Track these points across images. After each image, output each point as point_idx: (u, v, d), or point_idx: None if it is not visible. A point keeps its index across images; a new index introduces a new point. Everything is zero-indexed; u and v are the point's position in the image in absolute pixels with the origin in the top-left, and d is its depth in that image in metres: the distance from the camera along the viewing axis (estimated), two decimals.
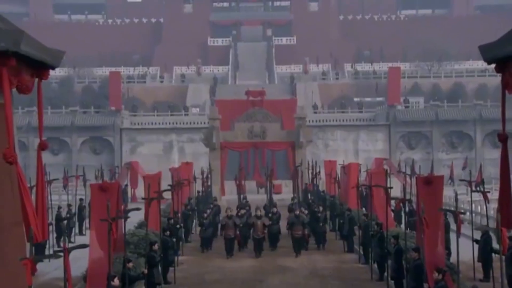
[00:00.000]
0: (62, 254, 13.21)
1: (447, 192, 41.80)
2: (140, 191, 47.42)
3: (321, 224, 33.03)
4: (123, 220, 20.59)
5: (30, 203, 15.63)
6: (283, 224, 33.27)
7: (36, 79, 16.93)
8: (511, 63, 16.43)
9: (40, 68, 16.74)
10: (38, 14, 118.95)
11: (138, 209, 20.87)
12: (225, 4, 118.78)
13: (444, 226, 22.60)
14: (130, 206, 44.77)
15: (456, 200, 19.84)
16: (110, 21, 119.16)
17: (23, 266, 13.82)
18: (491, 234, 24.91)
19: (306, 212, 33.08)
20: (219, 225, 33.94)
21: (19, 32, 15.44)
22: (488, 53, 17.24)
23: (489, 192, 27.88)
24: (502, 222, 16.90)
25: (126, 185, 56.05)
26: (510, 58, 16.29)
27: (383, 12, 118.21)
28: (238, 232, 31.25)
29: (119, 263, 20.85)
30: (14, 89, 15.90)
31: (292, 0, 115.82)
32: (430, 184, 21.99)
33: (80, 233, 38.77)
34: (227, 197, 52.69)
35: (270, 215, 33.26)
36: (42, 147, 16.71)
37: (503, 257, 18.30)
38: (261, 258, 30.55)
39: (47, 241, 28.48)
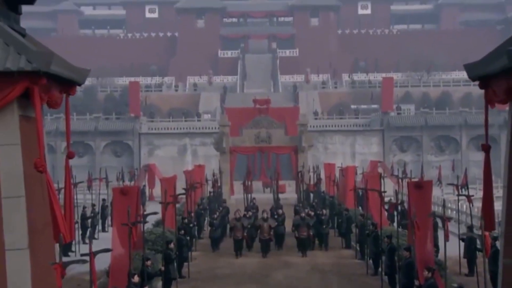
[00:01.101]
0: (88, 258, 13.28)
1: (435, 192, 41.89)
2: (157, 191, 47.55)
3: (324, 226, 32.23)
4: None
5: (58, 208, 15.73)
6: (288, 225, 32.83)
7: (64, 95, 17.02)
8: (493, 81, 16.46)
9: (68, 84, 16.83)
10: (65, 29, 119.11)
11: (155, 213, 20.92)
12: (234, 20, 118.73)
13: (433, 226, 22.64)
14: (148, 205, 44.91)
15: (444, 206, 19.86)
16: (130, 35, 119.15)
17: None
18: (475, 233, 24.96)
19: (313, 214, 32.24)
20: (228, 226, 33.22)
21: (49, 54, 15.51)
22: (472, 71, 17.27)
23: (473, 196, 27.82)
24: (485, 226, 16.95)
25: (144, 186, 56.10)
26: (492, 76, 16.33)
27: (378, 27, 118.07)
28: (245, 234, 30.62)
29: (138, 259, 20.88)
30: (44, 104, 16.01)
31: (295, 16, 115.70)
32: (420, 188, 21.98)
33: (103, 230, 38.77)
34: (236, 196, 52.69)
35: (276, 216, 32.67)
36: (69, 156, 16.81)
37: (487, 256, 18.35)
38: (267, 256, 30.10)
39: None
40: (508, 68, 14.65)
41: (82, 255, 13.77)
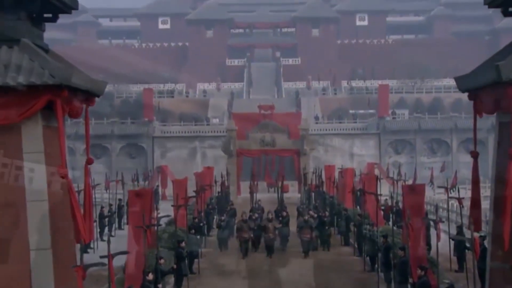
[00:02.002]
0: (107, 260, 13.33)
1: (428, 193, 41.82)
2: (169, 190, 47.54)
3: (326, 227, 31.70)
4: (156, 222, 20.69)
5: (78, 210, 15.79)
6: (292, 226, 32.04)
7: (84, 106, 17.08)
8: (481, 93, 16.54)
9: (88, 96, 16.91)
10: (84, 39, 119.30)
11: (168, 216, 20.95)
12: (241, 31, 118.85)
13: (425, 227, 22.65)
14: (161, 204, 44.90)
15: (436, 210, 19.90)
16: (144, 45, 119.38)
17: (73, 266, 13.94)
18: (465, 232, 24.97)
19: (316, 216, 31.80)
20: (235, 227, 32.29)
21: (70, 68, 15.62)
22: (462, 84, 17.36)
23: (463, 198, 27.75)
24: (474, 226, 16.99)
25: (158, 186, 56.11)
26: (480, 89, 16.40)
27: (374, 37, 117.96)
28: (252, 234, 30.06)
29: (152, 257, 20.92)
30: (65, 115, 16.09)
31: (297, 27, 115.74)
32: (414, 191, 22.04)
33: (119, 227, 38.75)
34: (242, 196, 52.65)
35: (280, 218, 32.00)
36: (88, 162, 16.90)
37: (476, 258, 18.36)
38: (272, 256, 29.57)
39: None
40: (496, 82, 14.73)
41: (101, 257, 13.84)
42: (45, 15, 16.90)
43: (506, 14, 16.44)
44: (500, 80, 14.37)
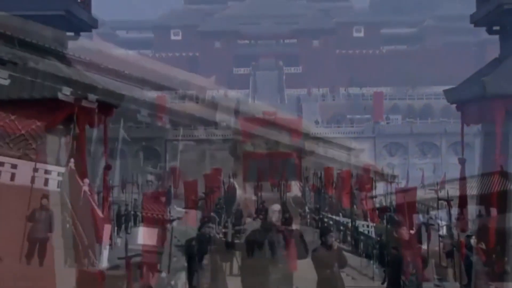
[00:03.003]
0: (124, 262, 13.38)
1: (419, 193, 41.68)
2: (181, 189, 47.50)
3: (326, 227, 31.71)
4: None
5: (98, 214, 15.88)
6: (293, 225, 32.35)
7: (103, 116, 17.17)
8: (468, 105, 16.64)
9: (106, 107, 17.01)
10: (103, 49, 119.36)
11: (180, 218, 21.03)
12: (247, 42, 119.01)
13: (418, 227, 22.67)
14: (173, 203, 44.84)
15: (428, 213, 19.94)
16: (157, 55, 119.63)
17: (93, 263, 14.04)
18: (453, 231, 24.97)
19: (317, 218, 31.83)
20: (241, 228, 31.78)
21: (90, 83, 15.72)
22: (450, 96, 17.49)
23: (452, 200, 27.74)
24: (461, 227, 17.08)
25: (170, 186, 56.03)
26: (467, 102, 16.50)
27: (370, 47, 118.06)
28: (257, 235, 30.04)
29: (165, 256, 20.93)
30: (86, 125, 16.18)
31: (299, 38, 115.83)
32: (406, 194, 22.09)
33: (135, 225, 38.74)
34: (247, 196, 52.48)
35: (283, 220, 32.11)
36: (107, 168, 17.01)
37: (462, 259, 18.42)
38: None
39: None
40: (481, 95, 14.84)
41: (119, 258, 13.92)
42: (68, 33, 17.06)
43: (490, 32, 16.55)
44: (485, 94, 14.50)
